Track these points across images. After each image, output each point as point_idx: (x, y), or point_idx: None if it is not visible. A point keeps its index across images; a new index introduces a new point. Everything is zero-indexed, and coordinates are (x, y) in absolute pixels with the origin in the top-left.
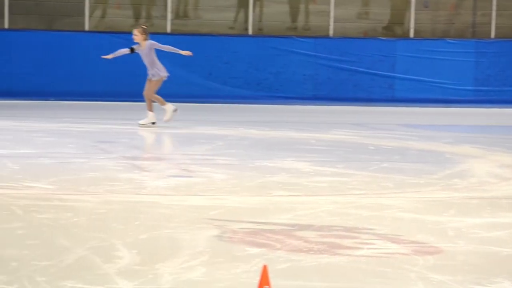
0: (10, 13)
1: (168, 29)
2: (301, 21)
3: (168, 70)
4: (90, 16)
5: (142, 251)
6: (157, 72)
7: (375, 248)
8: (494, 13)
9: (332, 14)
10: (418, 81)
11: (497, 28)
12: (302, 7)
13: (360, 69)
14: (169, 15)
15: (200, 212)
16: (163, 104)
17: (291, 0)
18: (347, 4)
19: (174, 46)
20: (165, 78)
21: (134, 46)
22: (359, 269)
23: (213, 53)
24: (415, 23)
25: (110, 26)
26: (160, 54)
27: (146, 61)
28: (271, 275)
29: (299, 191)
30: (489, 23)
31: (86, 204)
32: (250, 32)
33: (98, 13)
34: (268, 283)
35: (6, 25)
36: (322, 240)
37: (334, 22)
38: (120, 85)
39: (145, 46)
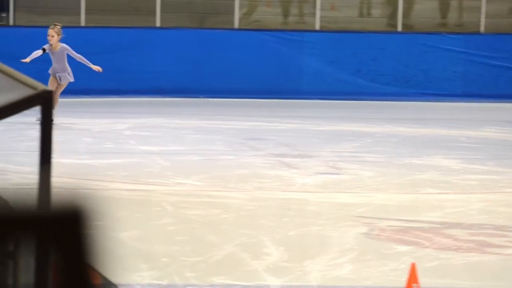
0: (162, 11)
1: (317, 26)
2: (451, 17)
3: (315, 67)
4: (240, 14)
5: (290, 248)
6: (67, 76)
7: None
8: None
9: (483, 9)
10: None
11: None
12: (452, 3)
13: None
14: (318, 12)
15: (348, 209)
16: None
17: None
18: (499, 0)
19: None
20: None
21: (45, 47)
22: (509, 268)
23: (362, 50)
24: None
25: (259, 24)
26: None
27: (58, 63)
28: (419, 273)
29: (448, 188)
30: None
31: (235, 200)
32: (398, 28)
33: (247, 10)
34: (416, 281)
35: (157, 23)
36: (471, 238)
37: (486, 18)
38: (268, 83)
39: (58, 49)
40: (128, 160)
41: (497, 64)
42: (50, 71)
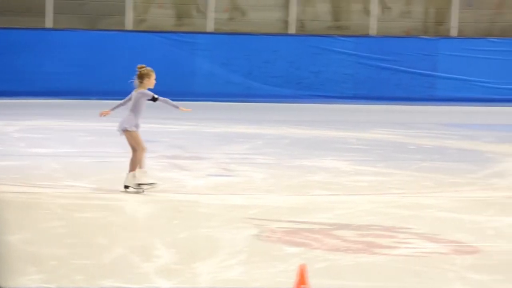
0: (54, 12)
1: (210, 28)
2: (343, 20)
3: (207, 69)
4: (133, 15)
5: (180, 250)
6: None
7: (413, 248)
8: None
9: (374, 13)
10: (459, 80)
11: None
12: (344, 6)
13: (402, 68)
14: (211, 14)
15: (239, 211)
16: None
17: None
18: (390, 3)
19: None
20: None
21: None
22: (397, 268)
23: (254, 52)
24: (458, 22)
25: (152, 25)
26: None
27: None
28: (308, 275)
29: (338, 190)
30: None
31: (126, 203)
32: (291, 31)
33: (140, 12)
34: (305, 283)
35: (49, 25)
36: (360, 239)
37: (376, 21)
38: (160, 84)
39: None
40: (17, 162)
41: (387, 66)
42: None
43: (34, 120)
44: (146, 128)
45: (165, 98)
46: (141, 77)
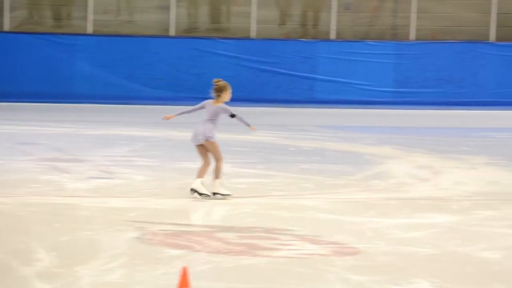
0: None
1: (90, 30)
2: (222, 22)
3: (88, 71)
4: (11, 16)
5: (61, 253)
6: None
7: (295, 249)
8: (414, 16)
9: (254, 15)
10: (338, 83)
11: (416, 30)
12: (223, 8)
13: (281, 70)
14: (91, 16)
15: (120, 214)
16: None
17: (212, 1)
18: (269, 6)
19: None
20: None
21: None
22: (278, 270)
23: (134, 54)
24: (336, 25)
25: (31, 27)
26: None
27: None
28: (191, 277)
29: None
30: (409, 26)
31: (5, 206)
32: (171, 33)
33: (20, 13)
34: (187, 285)
35: None
36: (242, 241)
37: (256, 23)
38: (40, 86)
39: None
40: None
41: (267, 69)
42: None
43: None
44: (25, 130)
45: (241, 116)
46: (219, 90)
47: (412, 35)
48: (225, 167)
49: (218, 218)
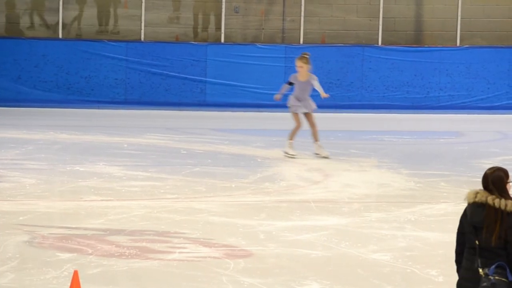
0: None
1: None
2: (111, 24)
3: None
4: None
5: None
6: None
7: (187, 252)
8: (302, 19)
9: (143, 18)
10: (229, 86)
11: (305, 33)
12: (112, 11)
13: (172, 73)
14: None
15: (9, 217)
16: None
17: (99, 3)
18: (158, 9)
19: None
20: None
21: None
22: (171, 273)
23: (22, 56)
24: (226, 28)
25: None
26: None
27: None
28: (82, 280)
29: (111, 195)
30: (298, 29)
31: None
32: (60, 35)
33: None
34: None
35: None
36: (133, 244)
37: (146, 26)
38: None
39: (307, 78)
40: None
41: (158, 72)
42: (294, 104)
43: None
44: None
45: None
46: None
47: (301, 39)
48: (117, 170)
49: (109, 221)
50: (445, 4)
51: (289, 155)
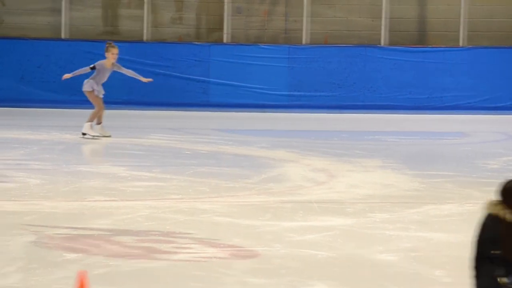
0: None
1: None
2: (114, 25)
3: None
4: None
5: None
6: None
7: (193, 253)
8: (305, 20)
9: (146, 18)
10: (232, 86)
11: (309, 34)
12: (116, 11)
13: (175, 73)
14: None
15: (15, 217)
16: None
17: (103, 3)
18: (161, 9)
19: None
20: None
21: (98, 65)
22: (176, 273)
23: (25, 56)
24: (230, 29)
25: None
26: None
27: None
28: (88, 281)
29: (116, 196)
30: (301, 29)
31: None
32: (63, 36)
33: None
34: None
35: None
36: (139, 245)
37: (148, 26)
38: None
39: (112, 66)
40: None
41: (161, 72)
42: (96, 88)
43: None
44: None
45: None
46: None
47: (304, 39)
48: (121, 170)
49: (114, 222)
50: (448, 4)
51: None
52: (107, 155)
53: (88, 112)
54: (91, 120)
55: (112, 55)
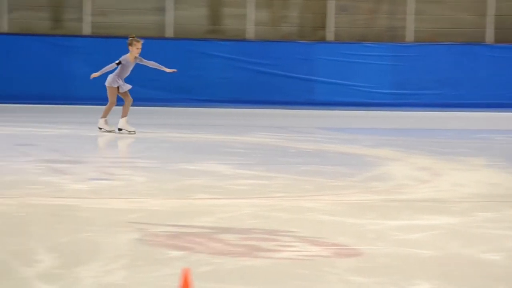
0: None
1: (86, 31)
2: (218, 24)
3: (86, 73)
4: (8, 18)
5: (62, 254)
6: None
7: (296, 251)
8: (411, 17)
9: (251, 17)
10: (336, 84)
11: (414, 32)
12: (220, 10)
13: (280, 72)
14: (88, 18)
15: (120, 215)
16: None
17: (208, 3)
18: (266, 8)
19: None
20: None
21: (121, 59)
22: (280, 272)
23: None
24: (334, 27)
25: (28, 28)
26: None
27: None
28: (192, 278)
29: (220, 193)
30: (406, 27)
31: (5, 207)
32: (167, 34)
33: (13, 15)
34: (189, 286)
35: None
36: (243, 243)
37: (253, 25)
38: (38, 88)
39: (134, 59)
40: None
41: (265, 71)
42: (120, 83)
43: None
44: (24, 131)
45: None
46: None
47: (409, 37)
48: (225, 168)
49: (218, 220)
50: None
51: None
52: (211, 153)
53: (193, 110)
54: (104, 116)
55: (136, 49)
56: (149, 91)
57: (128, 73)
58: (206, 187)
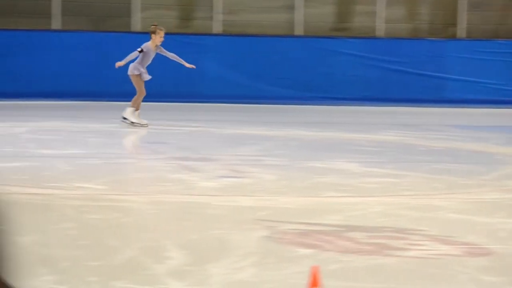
0: (62, 14)
1: (216, 30)
2: (346, 21)
3: (216, 71)
4: (140, 17)
5: (192, 251)
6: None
7: (425, 250)
8: None
9: (381, 14)
10: (468, 82)
11: None
12: (350, 7)
13: (410, 70)
14: (218, 16)
15: (250, 213)
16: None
17: (338, 0)
18: (396, 5)
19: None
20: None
21: (143, 46)
22: (409, 270)
23: (261, 54)
24: (466, 24)
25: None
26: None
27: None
28: (321, 276)
29: (349, 192)
30: None
31: (136, 204)
32: (297, 32)
33: (145, 14)
34: (318, 284)
35: (55, 26)
36: (372, 241)
37: (383, 22)
38: (169, 86)
39: (155, 48)
40: (28, 163)
41: (395, 68)
42: (142, 71)
43: (42, 122)
44: (155, 129)
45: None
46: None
47: None
48: (355, 167)
49: (347, 218)
50: None
51: None
52: (340, 151)
53: (321, 108)
54: (133, 106)
55: (160, 37)
56: (278, 89)
57: (149, 61)
58: (335, 185)
